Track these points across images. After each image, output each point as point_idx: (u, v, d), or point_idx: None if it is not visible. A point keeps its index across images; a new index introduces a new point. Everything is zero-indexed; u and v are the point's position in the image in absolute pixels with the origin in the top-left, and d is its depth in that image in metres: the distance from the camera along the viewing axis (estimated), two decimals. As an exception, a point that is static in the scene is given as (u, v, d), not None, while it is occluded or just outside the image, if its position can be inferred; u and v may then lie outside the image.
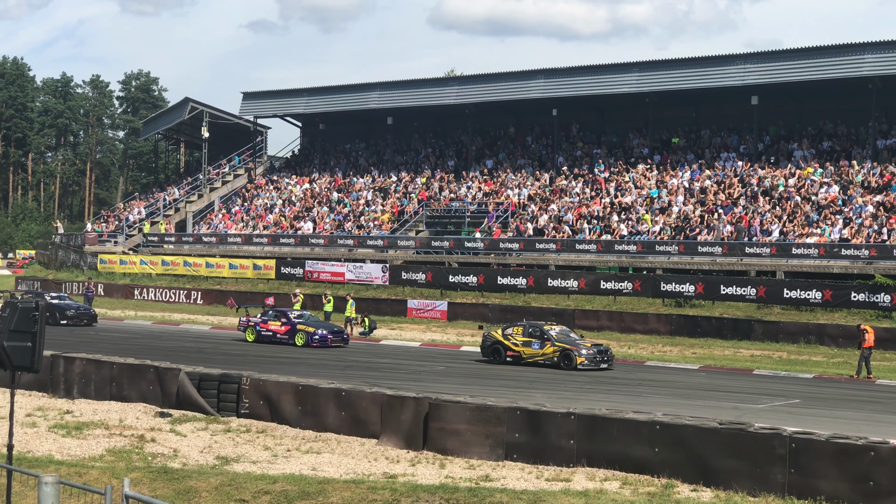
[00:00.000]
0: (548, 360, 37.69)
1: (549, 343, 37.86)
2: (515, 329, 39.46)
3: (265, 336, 44.67)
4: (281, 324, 44.51)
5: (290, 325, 44.22)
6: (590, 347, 37.87)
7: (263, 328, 44.95)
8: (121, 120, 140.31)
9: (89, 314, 52.22)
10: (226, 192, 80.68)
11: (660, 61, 63.61)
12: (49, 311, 48.29)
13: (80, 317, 51.42)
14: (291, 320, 44.46)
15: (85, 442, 21.70)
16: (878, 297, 45.20)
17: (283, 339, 44.17)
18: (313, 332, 43.83)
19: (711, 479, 18.19)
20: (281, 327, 44.43)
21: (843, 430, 20.58)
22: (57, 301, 52.13)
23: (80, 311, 52.13)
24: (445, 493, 16.70)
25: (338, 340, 44.14)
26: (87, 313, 52.20)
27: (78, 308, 52.41)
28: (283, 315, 45.14)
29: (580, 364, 36.93)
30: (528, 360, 38.18)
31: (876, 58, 54.49)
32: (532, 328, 39.20)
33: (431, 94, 72.47)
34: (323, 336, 43.72)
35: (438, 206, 65.96)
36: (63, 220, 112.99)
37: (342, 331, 45.12)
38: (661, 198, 58.23)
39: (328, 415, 23.41)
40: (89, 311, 52.62)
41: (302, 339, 43.66)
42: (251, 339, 45.06)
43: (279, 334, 44.37)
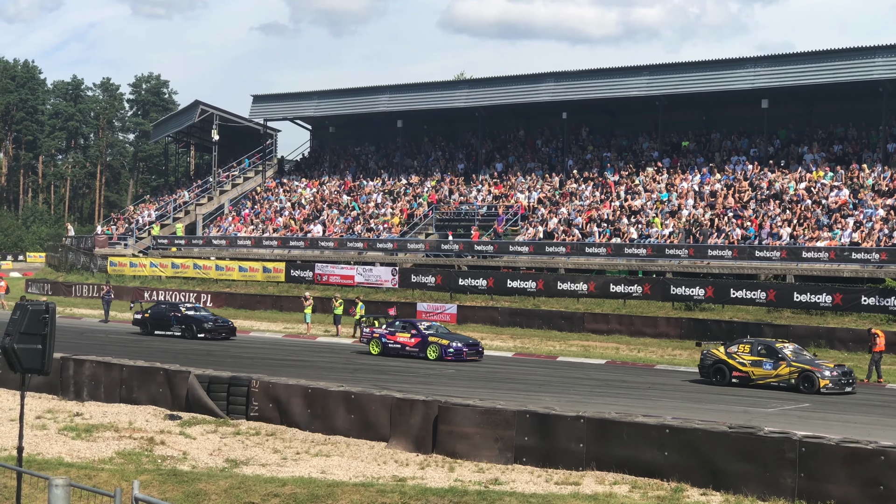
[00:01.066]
0: (783, 382, 33.75)
1: (783, 363, 33.96)
2: (741, 347, 35.44)
3: (392, 349, 41.41)
4: (410, 335, 41.27)
5: (421, 336, 40.99)
6: (832, 369, 34.01)
7: (391, 340, 41.65)
8: (131, 123, 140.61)
9: (228, 326, 47.61)
10: (236, 195, 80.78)
11: (670, 65, 63.54)
12: (185, 323, 47.02)
13: (219, 329, 47.04)
14: (422, 332, 41.26)
15: (95, 444, 21.73)
16: (889, 301, 45.08)
17: (413, 352, 40.88)
18: (447, 344, 40.37)
19: (721, 483, 18.16)
20: (410, 339, 41.18)
21: (852, 434, 20.54)
22: (193, 312, 48.35)
23: (219, 323, 47.65)
24: (454, 497, 16.69)
25: (473, 353, 40.56)
26: (226, 326, 47.61)
27: (216, 320, 47.92)
28: (412, 326, 42.01)
29: (823, 387, 33.06)
30: (759, 381, 34.21)
31: (886, 61, 54.37)
32: (762, 346, 35.06)
33: (441, 97, 72.49)
34: (458, 349, 40.24)
35: (448, 209, 65.97)
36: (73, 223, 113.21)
37: (477, 343, 41.66)
38: (671, 201, 58.17)
39: (337, 418, 23.42)
40: (227, 324, 47.87)
41: (435, 353, 40.27)
42: (376, 351, 41.81)
43: (408, 347, 41.10)
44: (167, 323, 47.61)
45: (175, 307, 48.76)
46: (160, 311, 48.80)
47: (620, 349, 44.85)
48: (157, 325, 47.89)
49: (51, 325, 14.76)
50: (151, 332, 47.74)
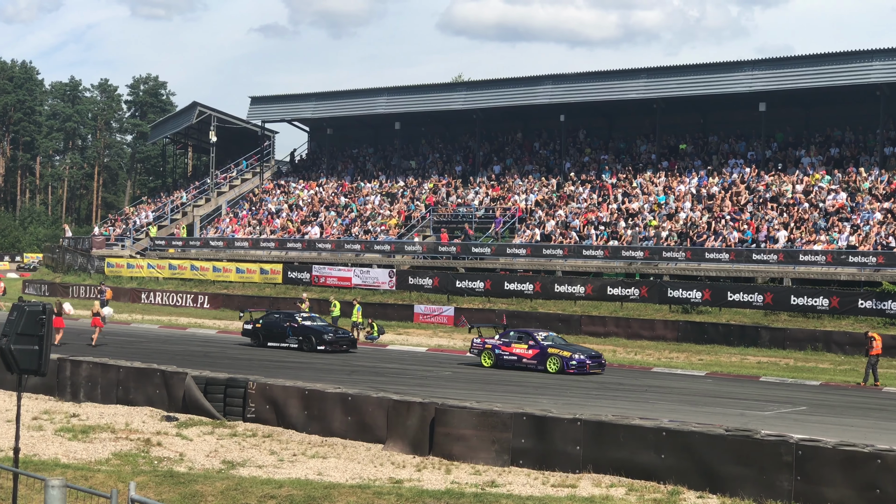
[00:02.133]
0: None
1: None
2: None
3: (508, 361, 38.50)
4: (528, 346, 38.34)
5: (540, 348, 38.06)
6: None
7: (505, 351, 38.73)
8: (129, 124, 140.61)
9: (348, 338, 44.45)
10: (233, 197, 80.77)
11: (668, 67, 63.57)
12: (302, 334, 43.68)
13: (340, 341, 43.75)
14: (540, 343, 38.31)
15: (91, 445, 21.71)
16: (886, 305, 45.14)
17: (531, 364, 37.94)
18: (569, 356, 37.52)
19: (717, 486, 18.16)
20: (528, 351, 38.24)
21: (849, 438, 20.56)
22: (310, 323, 44.75)
23: (339, 334, 44.37)
24: (451, 499, 16.69)
25: (596, 366, 37.71)
26: (346, 337, 44.43)
27: (336, 332, 44.65)
28: (529, 336, 38.90)
29: None
30: None
31: (884, 65, 54.46)
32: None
33: (439, 99, 72.52)
34: (581, 361, 37.38)
35: (446, 212, 65.99)
36: (71, 224, 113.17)
37: (599, 355, 38.73)
38: (669, 204, 58.20)
39: (334, 419, 23.40)
40: (348, 335, 44.73)
41: (555, 365, 37.40)
42: (488, 363, 38.83)
43: (525, 359, 38.19)
44: (281, 334, 44.22)
45: (290, 317, 45.20)
46: (273, 322, 45.26)
47: (617, 352, 44.84)
48: (271, 337, 44.49)
49: (47, 326, 14.74)
50: (264, 344, 44.38)
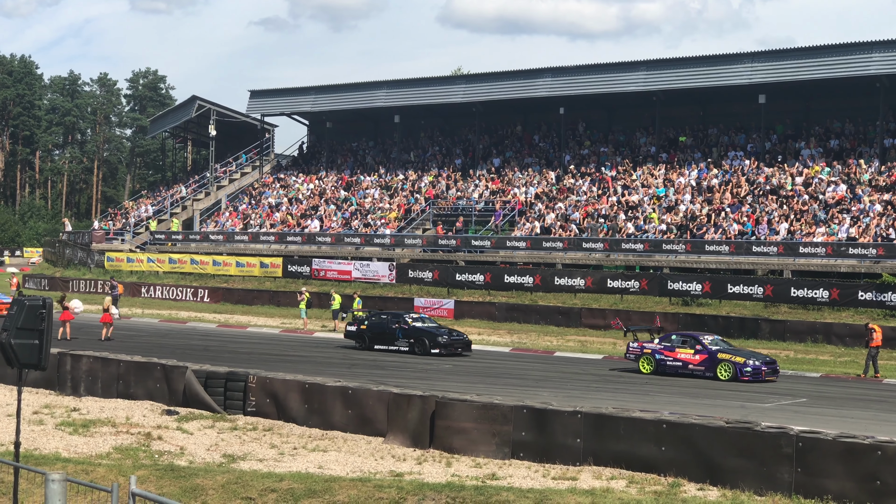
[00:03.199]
0: None
1: None
2: None
3: (671, 367, 35.55)
4: (694, 352, 35.34)
5: (708, 353, 35.10)
6: None
7: (668, 357, 35.77)
8: (128, 118, 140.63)
9: (463, 340, 40.93)
10: (233, 191, 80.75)
11: (667, 60, 63.52)
12: (414, 336, 40.58)
13: (455, 344, 40.42)
14: (707, 347, 35.30)
15: (92, 440, 21.73)
16: (886, 297, 45.12)
17: (698, 371, 34.98)
18: (742, 363, 34.50)
19: (718, 478, 18.16)
20: (694, 356, 35.24)
21: (850, 430, 20.55)
22: (421, 324, 41.76)
23: (454, 336, 40.97)
24: (452, 492, 16.70)
25: (771, 373, 34.86)
26: (461, 339, 40.94)
27: (450, 333, 41.26)
28: (695, 341, 35.82)
29: None
30: None
31: (883, 56, 54.40)
32: None
33: (438, 92, 72.47)
34: (756, 368, 34.45)
35: (445, 205, 65.98)
36: (70, 218, 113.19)
37: (773, 361, 35.93)
38: (669, 196, 58.18)
39: (335, 413, 23.41)
40: (463, 337, 41.23)
41: (727, 372, 34.34)
42: (647, 370, 35.90)
43: (692, 365, 35.19)
44: (390, 336, 41.30)
45: (399, 318, 42.20)
46: (381, 323, 42.23)
47: (618, 344, 44.80)
48: (378, 339, 41.54)
49: (47, 320, 14.75)
50: (370, 347, 41.46)
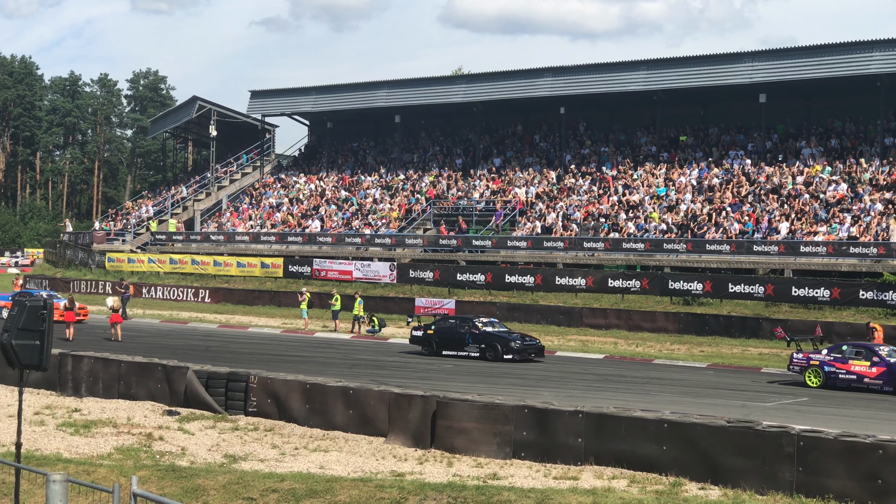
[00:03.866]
0: None
1: None
2: None
3: (843, 380, 32.55)
4: (870, 364, 32.34)
5: (887, 366, 32.07)
6: None
7: (840, 369, 32.72)
8: (129, 118, 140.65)
9: (536, 346, 39.29)
10: (234, 191, 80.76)
11: (668, 59, 63.52)
12: (485, 341, 38.88)
13: (527, 349, 38.80)
14: (885, 359, 32.23)
15: (93, 440, 21.73)
16: (887, 295, 45.10)
17: (874, 385, 31.97)
18: None
19: (719, 478, 18.16)
20: (870, 369, 32.23)
21: (851, 429, 20.54)
22: (491, 329, 40.04)
23: (527, 342, 39.21)
24: (453, 492, 16.70)
25: None
26: (534, 345, 39.27)
27: (523, 338, 39.51)
28: (870, 352, 32.72)
29: None
30: None
31: (884, 55, 54.39)
32: None
33: (439, 92, 72.47)
34: None
35: (446, 205, 65.98)
36: (71, 219, 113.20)
37: None
38: (669, 196, 58.18)
39: (336, 413, 23.42)
40: (536, 343, 39.54)
41: None
42: (815, 383, 32.95)
43: (868, 378, 32.21)
44: (459, 341, 39.44)
45: (467, 322, 40.40)
46: (449, 328, 40.47)
47: (619, 344, 44.86)
48: (446, 344, 39.66)
49: (48, 320, 14.75)
50: (437, 353, 39.69)
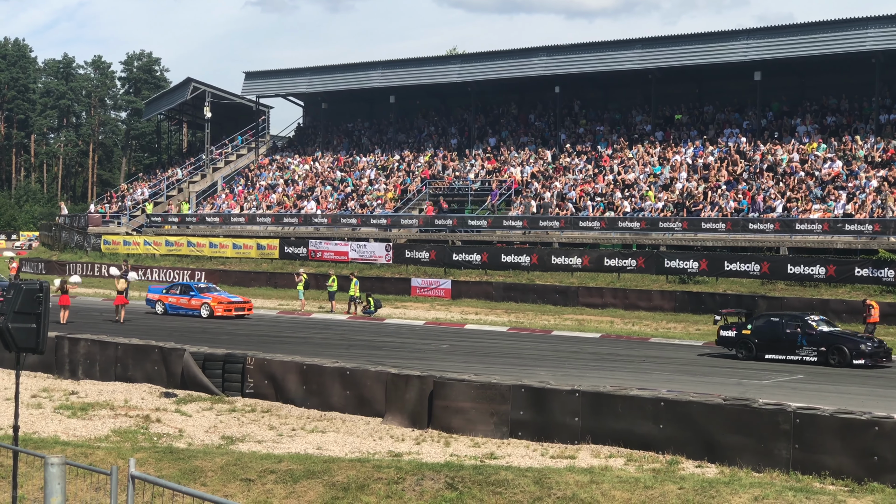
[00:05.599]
0: None
1: None
2: None
3: None
4: None
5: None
6: None
7: None
8: (123, 101, 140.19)
9: (885, 349, 33.48)
10: (229, 172, 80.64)
11: (662, 37, 63.41)
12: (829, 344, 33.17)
13: (878, 353, 32.94)
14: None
15: (90, 423, 21.75)
16: (882, 273, 45.11)
17: None
18: None
19: (716, 455, 18.21)
20: None
21: (847, 406, 20.60)
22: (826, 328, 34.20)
23: (877, 345, 33.35)
24: (451, 471, 16.72)
25: None
26: (884, 347, 33.49)
27: (872, 339, 33.84)
28: None
29: None
30: None
31: (879, 32, 54.30)
32: None
33: (434, 72, 72.34)
34: None
35: (441, 185, 65.92)
36: (66, 202, 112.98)
37: None
38: (665, 174, 58.15)
39: (333, 394, 23.45)
40: (884, 345, 33.74)
41: None
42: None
43: None
44: (788, 343, 33.77)
45: (797, 320, 34.31)
46: (773, 327, 34.50)
47: (615, 323, 44.90)
48: (771, 347, 34.13)
49: (45, 303, 14.74)
50: (758, 356, 34.14)
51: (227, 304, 46.78)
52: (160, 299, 48.18)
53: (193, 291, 47.91)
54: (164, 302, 47.89)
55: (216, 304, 46.46)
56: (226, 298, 47.48)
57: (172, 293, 48.32)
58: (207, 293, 47.74)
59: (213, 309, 46.20)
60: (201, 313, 46.36)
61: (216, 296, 47.59)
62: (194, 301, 47.08)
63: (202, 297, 47.24)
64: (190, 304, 47.06)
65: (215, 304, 46.46)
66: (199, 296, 47.35)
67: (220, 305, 46.47)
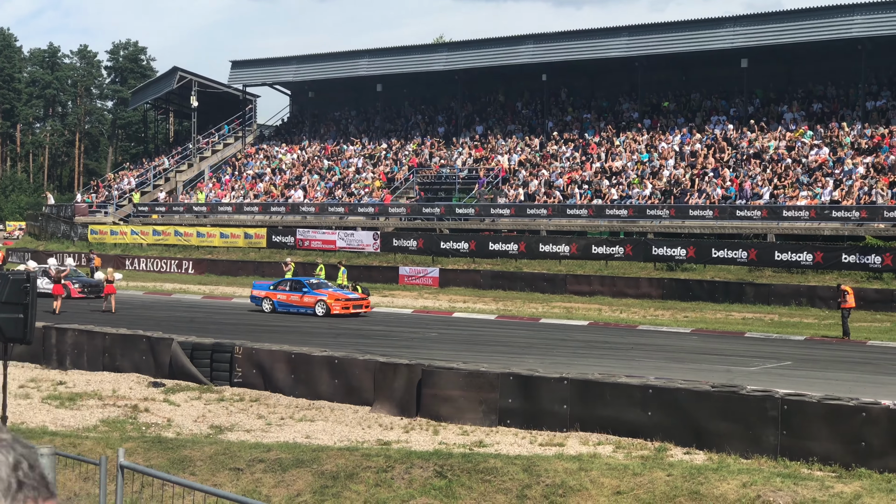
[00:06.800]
0: None
1: None
2: None
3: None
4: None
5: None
6: None
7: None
8: (109, 90, 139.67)
9: None
10: (216, 162, 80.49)
11: (649, 25, 63.44)
12: None
13: None
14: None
15: (79, 413, 21.71)
16: (869, 259, 45.25)
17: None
18: None
19: (704, 442, 18.25)
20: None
21: (834, 392, 20.65)
22: None
23: None
24: (439, 460, 16.73)
25: None
26: None
27: None
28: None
29: None
30: None
31: (865, 19, 54.41)
32: None
33: (420, 60, 72.27)
34: None
35: (429, 173, 65.89)
36: (53, 191, 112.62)
37: None
38: (652, 162, 58.21)
39: (321, 383, 23.43)
40: None
41: None
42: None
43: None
44: None
45: None
46: None
47: (603, 310, 44.95)
48: None
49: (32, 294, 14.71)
50: None
51: (346, 301, 42.85)
52: (267, 296, 44.06)
53: (306, 288, 43.62)
54: (273, 299, 43.74)
55: (333, 301, 42.42)
56: (343, 295, 43.39)
57: (282, 289, 44.06)
58: (321, 289, 43.70)
59: (330, 307, 42.16)
60: (316, 311, 42.35)
61: (332, 292, 43.53)
62: (307, 298, 42.96)
63: (316, 293, 43.13)
64: (302, 302, 42.95)
65: (332, 301, 42.41)
66: (312, 292, 43.25)
67: (338, 303, 42.47)
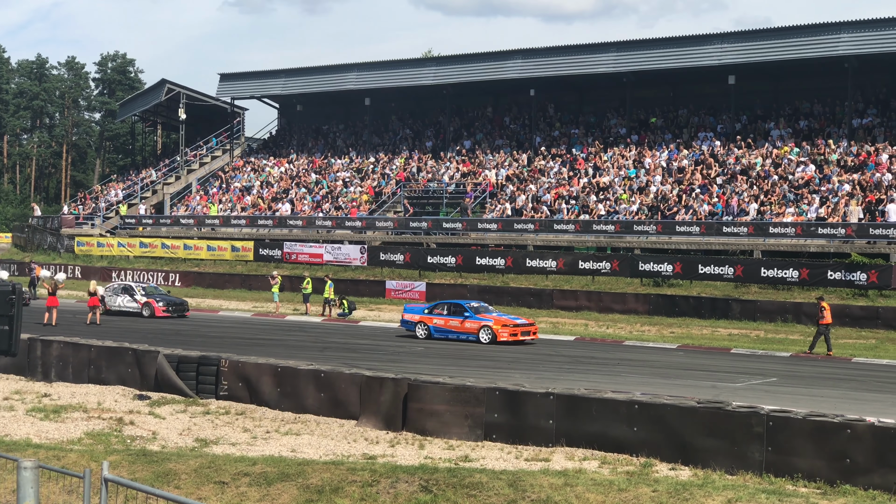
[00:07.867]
0: None
1: None
2: None
3: None
4: None
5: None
6: None
7: None
8: (97, 102, 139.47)
9: None
10: (203, 174, 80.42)
11: (637, 41, 63.57)
12: None
13: None
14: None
15: (63, 425, 21.64)
16: (855, 276, 45.40)
17: None
18: None
19: (690, 458, 18.25)
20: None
21: (820, 408, 20.69)
22: None
23: None
24: (425, 474, 16.72)
25: None
26: None
27: None
28: None
29: None
30: None
31: (852, 37, 54.64)
32: None
33: (409, 74, 72.33)
34: None
35: (416, 187, 65.92)
36: (39, 203, 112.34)
37: None
38: (639, 177, 58.32)
39: (307, 396, 23.41)
40: None
41: None
42: None
43: None
44: None
45: None
46: None
47: (589, 325, 45.00)
48: None
49: (17, 305, 14.66)
50: None
51: (514, 327, 38.73)
52: (422, 320, 40.50)
53: (468, 312, 39.59)
54: (428, 324, 40.16)
55: (500, 326, 38.43)
56: (510, 321, 39.24)
57: (438, 313, 40.43)
58: (483, 313, 39.72)
59: (497, 333, 38.23)
60: (480, 338, 38.53)
61: (497, 317, 39.51)
62: (469, 324, 39.09)
63: (479, 318, 39.17)
64: (464, 328, 39.17)
65: (498, 327, 38.41)
66: (475, 317, 39.28)
67: (505, 329, 38.43)
